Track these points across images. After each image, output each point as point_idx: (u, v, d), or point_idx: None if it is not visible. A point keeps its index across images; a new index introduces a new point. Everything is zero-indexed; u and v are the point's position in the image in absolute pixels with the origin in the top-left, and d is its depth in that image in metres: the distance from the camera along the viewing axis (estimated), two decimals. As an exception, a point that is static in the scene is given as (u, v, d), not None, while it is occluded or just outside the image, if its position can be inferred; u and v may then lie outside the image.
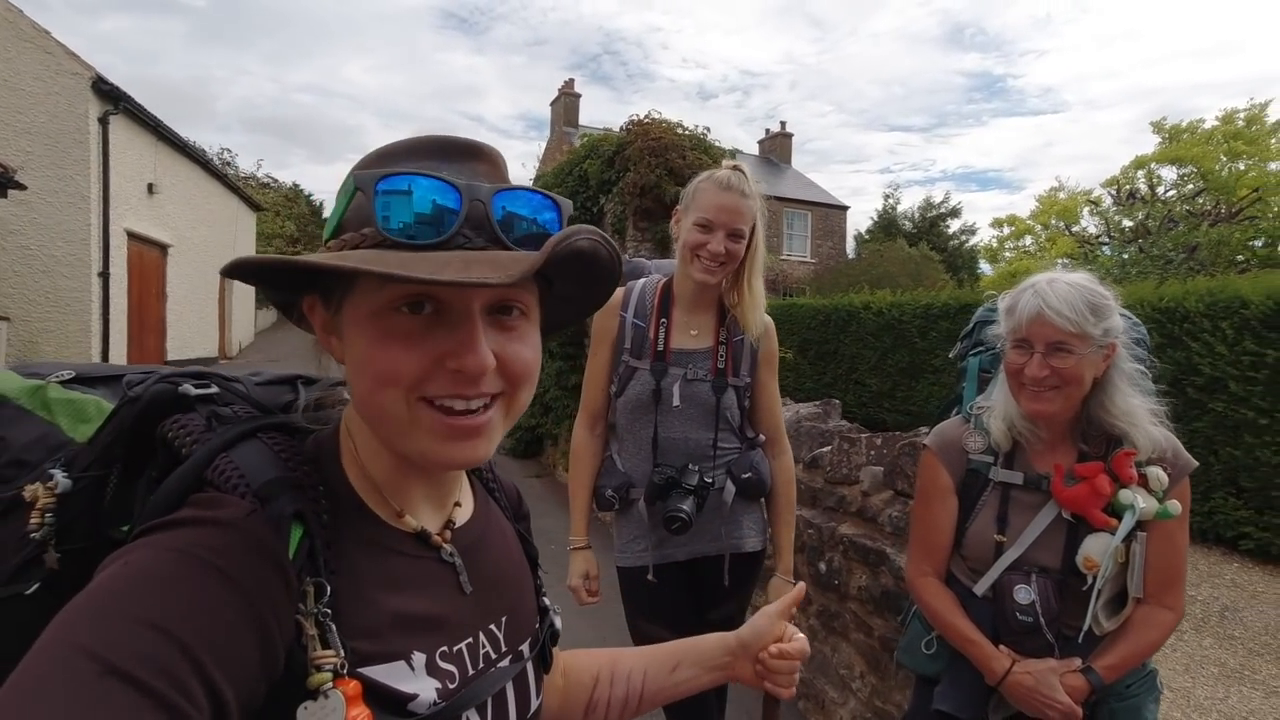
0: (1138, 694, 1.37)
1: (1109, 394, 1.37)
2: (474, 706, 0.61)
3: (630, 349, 1.78)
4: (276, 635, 0.48)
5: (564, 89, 24.84)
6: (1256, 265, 14.83)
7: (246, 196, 19.31)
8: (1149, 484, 1.34)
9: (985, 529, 1.44)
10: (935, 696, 1.46)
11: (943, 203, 30.35)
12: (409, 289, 0.52)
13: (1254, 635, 4.01)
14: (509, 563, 0.73)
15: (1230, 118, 17.97)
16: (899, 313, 9.16)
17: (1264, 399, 5.13)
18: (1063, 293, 1.32)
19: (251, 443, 0.56)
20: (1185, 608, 1.40)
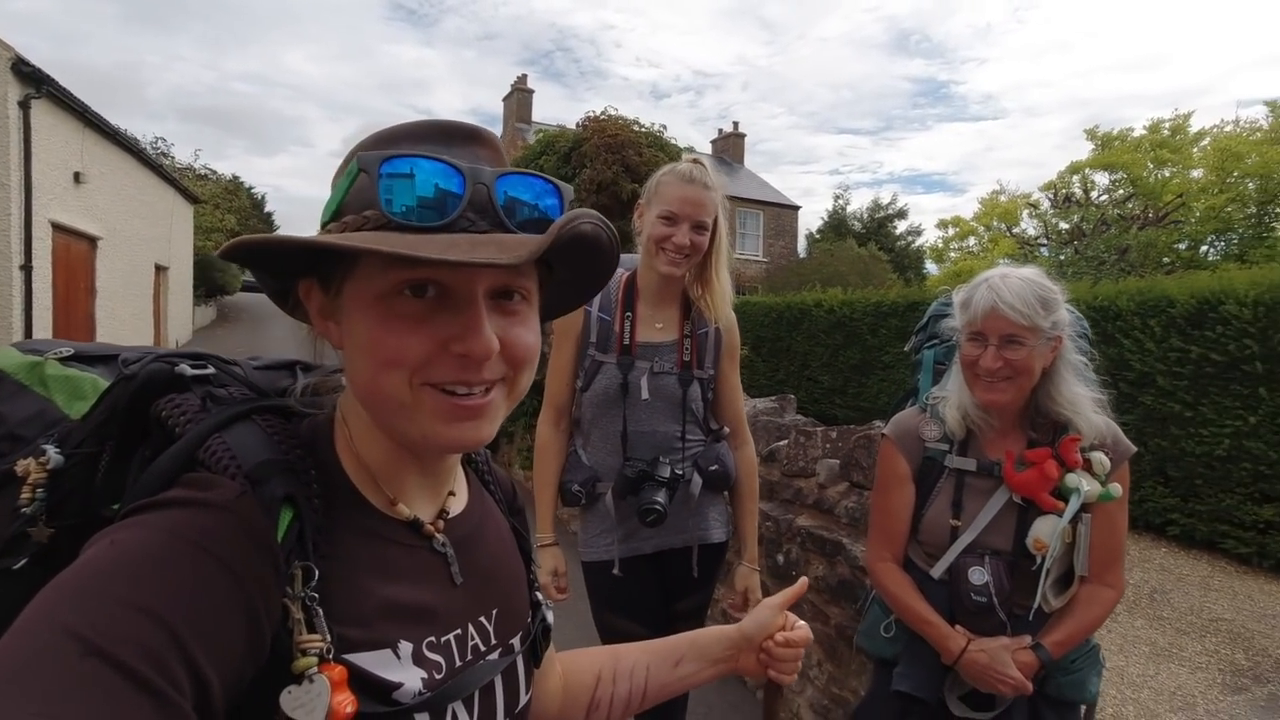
0: (1082, 668, 1.44)
1: (1055, 383, 1.43)
2: (460, 699, 0.60)
3: (596, 343, 1.78)
4: (264, 619, 0.48)
5: (517, 84, 24.59)
6: (1181, 267, 15.68)
7: (183, 188, 18.52)
8: (1093, 468, 1.40)
9: (941, 514, 1.49)
10: (894, 678, 1.50)
11: (890, 204, 31.09)
12: (413, 272, 0.52)
13: (1181, 615, 4.24)
14: (503, 555, 0.72)
15: (1156, 127, 18.92)
16: (850, 311, 9.37)
17: (1189, 393, 5.42)
18: (1015, 287, 1.38)
19: (246, 424, 0.55)
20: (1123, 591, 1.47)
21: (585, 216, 0.56)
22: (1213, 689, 3.41)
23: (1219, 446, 5.20)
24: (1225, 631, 4.03)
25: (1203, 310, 5.37)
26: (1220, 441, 5.20)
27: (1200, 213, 16.87)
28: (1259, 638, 3.96)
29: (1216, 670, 3.60)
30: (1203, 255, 17.10)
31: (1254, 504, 5.04)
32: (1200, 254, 17.14)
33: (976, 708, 1.44)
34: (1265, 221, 16.34)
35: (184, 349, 0.62)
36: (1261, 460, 4.99)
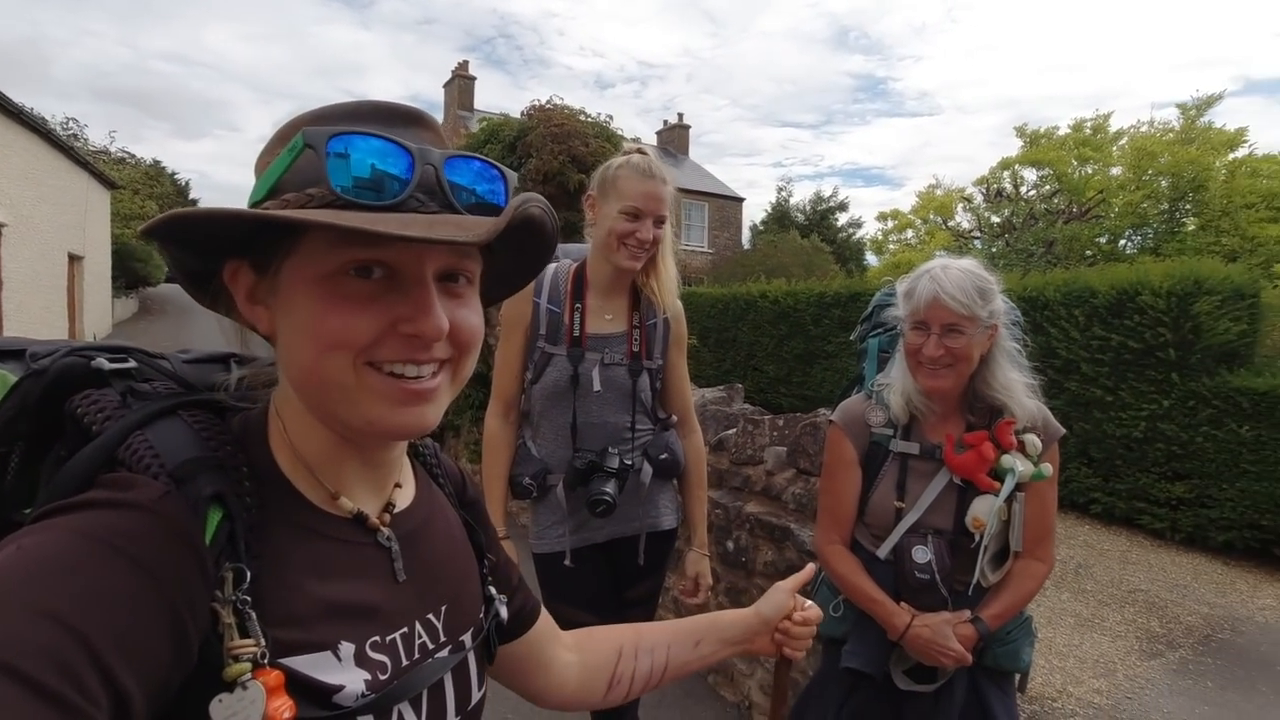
0: (1016, 639, 1.52)
1: (992, 370, 1.50)
2: (407, 700, 0.58)
3: (545, 335, 1.76)
4: (189, 625, 0.45)
5: (458, 71, 24.02)
6: (1102, 259, 16.54)
7: (98, 172, 17.49)
8: (1026, 449, 1.47)
9: (886, 497, 1.54)
10: (843, 655, 1.55)
11: (832, 197, 31.77)
12: (363, 251, 0.50)
13: (1102, 588, 4.50)
14: (452, 550, 0.70)
15: (1080, 126, 19.85)
16: (794, 301, 9.54)
17: (1109, 379, 5.73)
18: (955, 279, 1.43)
19: (171, 420, 0.52)
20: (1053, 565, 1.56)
21: (534, 200, 0.56)
22: (1131, 655, 3.63)
23: (1136, 429, 5.52)
24: (1142, 602, 4.30)
25: (1122, 300, 5.67)
26: (1137, 424, 5.52)
27: (1119, 208, 17.83)
28: (1172, 606, 4.24)
29: (1134, 638, 3.83)
30: (1122, 248, 18.08)
31: (1167, 482, 5.38)
32: (1119, 247, 18.11)
33: (920, 680, 1.50)
34: (1176, 217, 17.39)
35: (103, 342, 0.58)
36: (1174, 441, 5.33)
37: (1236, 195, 15.84)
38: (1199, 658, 3.63)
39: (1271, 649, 3.73)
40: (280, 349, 0.55)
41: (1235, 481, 4.99)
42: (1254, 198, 15.76)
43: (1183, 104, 18.75)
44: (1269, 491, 4.81)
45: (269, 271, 0.54)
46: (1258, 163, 16.72)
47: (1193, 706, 3.15)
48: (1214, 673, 3.47)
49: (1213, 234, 15.94)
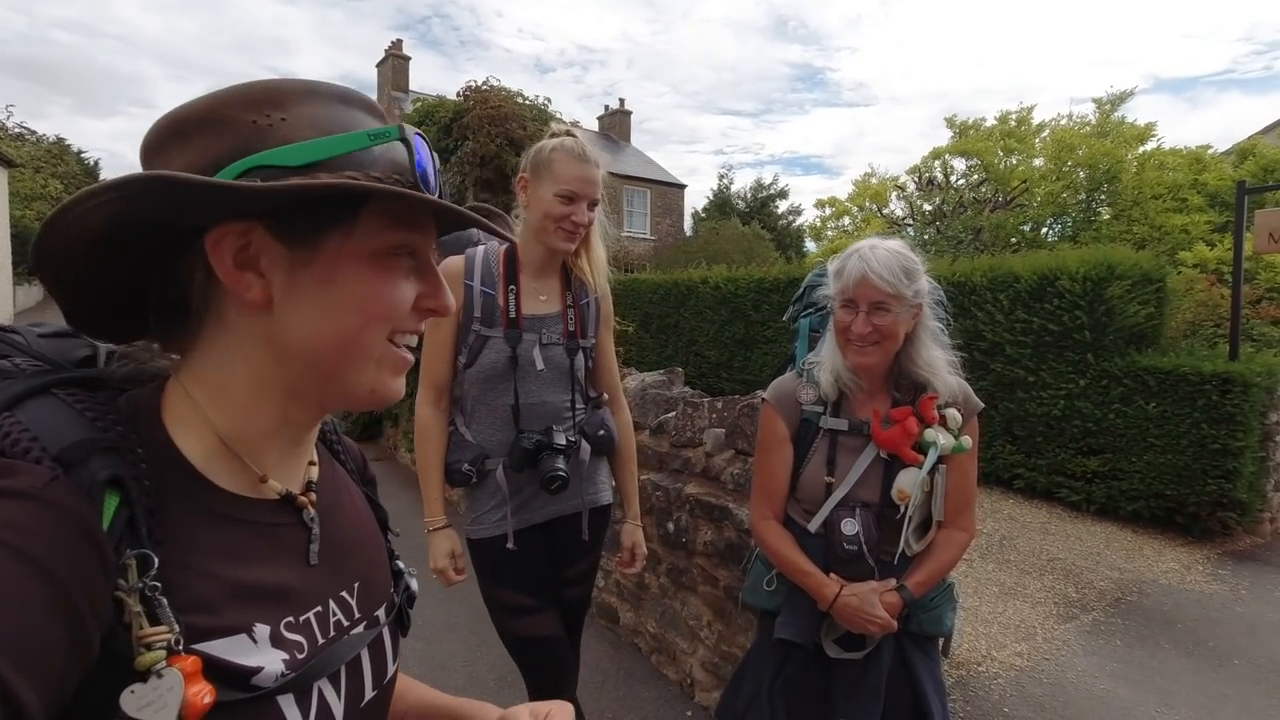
0: (939, 605, 1.59)
1: (916, 348, 1.55)
2: (326, 676, 0.57)
3: (480, 318, 1.74)
4: (89, 619, 0.43)
5: (391, 50, 23.24)
6: (1026, 246, 17.31)
7: (-3, 150, 16.23)
8: (947, 423, 1.54)
9: (817, 472, 1.57)
10: (776, 627, 1.59)
11: (772, 184, 32.27)
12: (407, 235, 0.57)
13: (1024, 558, 4.74)
14: (360, 527, 0.69)
15: (1005, 119, 20.65)
16: (734, 287, 9.65)
17: (1031, 360, 6.01)
18: (882, 258, 1.48)
19: (45, 400, 0.48)
20: (974, 538, 1.63)
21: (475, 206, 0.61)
22: (1049, 620, 3.84)
23: (1055, 407, 5.82)
24: (1060, 570, 4.55)
25: (1042, 285, 5.95)
26: (1056, 403, 5.81)
27: (1041, 197, 18.66)
28: (1086, 573, 4.50)
29: (1052, 604, 4.05)
30: (1044, 236, 18.95)
31: (1083, 457, 5.69)
32: (1042, 235, 18.98)
33: (849, 648, 1.56)
34: (1093, 206, 18.34)
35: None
36: (1089, 418, 5.64)
37: (1146, 186, 16.77)
38: (1109, 619, 3.87)
39: (1173, 608, 4.01)
40: (291, 318, 0.54)
41: (1143, 455, 5.32)
42: (1161, 189, 16.72)
43: (1098, 99, 19.77)
44: (1172, 464, 5.15)
45: (303, 243, 0.53)
46: (1165, 156, 17.76)
47: (1103, 664, 3.36)
48: (1122, 632, 3.71)
49: (1125, 223, 16.86)
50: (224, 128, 0.52)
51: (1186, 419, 5.11)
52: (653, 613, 3.14)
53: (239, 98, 0.53)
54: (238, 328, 0.54)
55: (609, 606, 3.45)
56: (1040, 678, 3.23)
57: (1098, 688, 3.14)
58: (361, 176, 0.52)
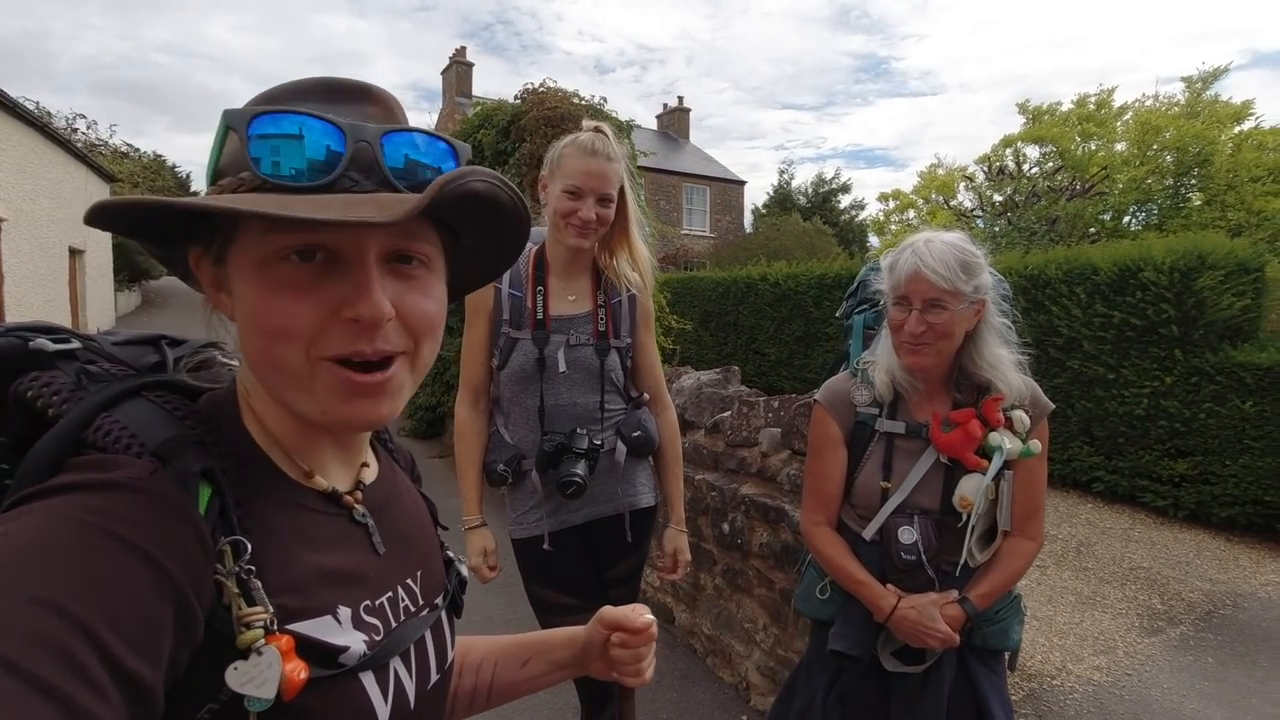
0: (1005, 617, 1.50)
1: (979, 346, 1.46)
2: (399, 654, 0.60)
3: (509, 320, 1.76)
4: (194, 601, 0.45)
5: (455, 57, 23.83)
6: (1105, 236, 16.37)
7: (97, 166, 17.47)
8: (1014, 426, 1.45)
9: (872, 477, 1.51)
10: (830, 638, 1.53)
11: (834, 179, 31.61)
12: (295, 236, 0.49)
13: (1103, 566, 4.49)
14: (419, 519, 0.73)
15: (1083, 102, 19.59)
16: (794, 284, 9.49)
17: (1111, 357, 5.69)
18: (938, 252, 1.39)
19: (137, 401, 0.52)
20: (1047, 545, 1.53)
21: (476, 174, 0.52)
22: (1131, 632, 3.62)
23: (1139, 406, 5.48)
24: (1143, 579, 4.28)
25: (1124, 277, 5.61)
26: (1140, 401, 5.48)
27: (1123, 184, 17.59)
28: (1173, 583, 4.22)
29: (1135, 615, 3.82)
30: (1126, 225, 17.87)
31: (1170, 459, 5.35)
32: (1124, 224, 17.91)
33: (908, 661, 1.49)
34: (1181, 193, 17.17)
35: (32, 322, 0.56)
36: (1176, 418, 5.29)
37: (1242, 169, 15.62)
38: (1200, 634, 3.62)
39: (1273, 624, 3.71)
40: (240, 334, 0.54)
41: (1238, 458, 4.96)
42: (1260, 171, 15.54)
43: (1188, 77, 18.49)
44: (1272, 467, 4.78)
45: (215, 258, 0.54)
46: (1264, 135, 16.47)
47: (1192, 682, 3.15)
48: (1214, 648, 3.46)
49: (1218, 209, 15.75)
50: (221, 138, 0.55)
51: (1288, 419, 4.73)
52: (708, 614, 3.12)
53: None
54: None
55: (664, 606, 3.44)
56: (1121, 694, 3.04)
57: (1186, 707, 2.94)
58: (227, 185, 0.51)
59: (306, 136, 0.50)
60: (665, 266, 18.69)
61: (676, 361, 6.43)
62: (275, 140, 0.49)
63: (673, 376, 3.76)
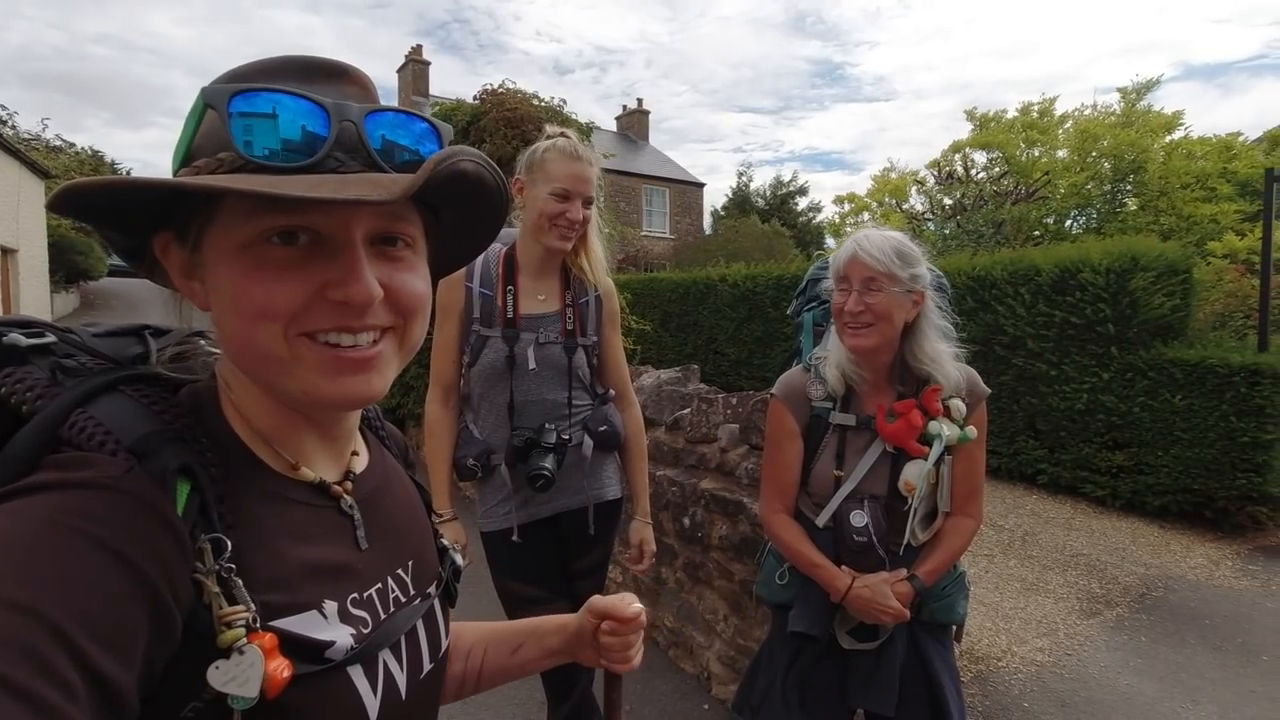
0: (951, 593, 1.60)
1: (918, 340, 1.56)
2: (388, 647, 0.60)
3: (480, 318, 1.80)
4: (170, 601, 0.45)
5: (412, 55, 23.51)
6: (1049, 239, 17.02)
7: (30, 161, 16.70)
8: (951, 414, 1.55)
9: (827, 466, 1.59)
10: (790, 620, 1.60)
11: (791, 181, 32.08)
12: (282, 217, 0.49)
13: (1047, 554, 4.69)
14: (411, 508, 0.72)
15: (1027, 110, 20.32)
16: (753, 285, 9.63)
17: (1054, 354, 5.94)
18: (875, 239, 1.52)
19: (113, 396, 0.50)
20: (995, 534, 1.63)
21: (465, 154, 0.53)
22: (1072, 615, 3.80)
23: (1079, 401, 5.74)
24: (1083, 565, 4.49)
25: (1064, 278, 5.86)
26: (1080, 396, 5.73)
27: (1064, 189, 18.30)
28: (1110, 568, 4.44)
29: (1075, 599, 4.01)
30: (1067, 228, 18.60)
31: (1108, 451, 5.61)
32: (1065, 228, 18.64)
33: (862, 639, 1.57)
34: (1118, 198, 17.97)
35: (6, 316, 0.55)
36: (1114, 412, 5.55)
37: (1173, 176, 16.41)
38: (1134, 615, 3.82)
39: (1200, 604, 3.94)
40: (216, 322, 0.53)
41: (1170, 449, 5.23)
42: (1189, 178, 16.36)
43: (1124, 88, 19.36)
44: (1200, 457, 5.06)
45: (190, 244, 0.52)
46: (1193, 144, 17.37)
47: (1127, 659, 3.32)
48: (1147, 628, 3.66)
49: (1151, 213, 16.51)
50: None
51: (1214, 412, 5.01)
52: (670, 607, 3.17)
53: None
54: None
55: (627, 602, 3.47)
56: (1062, 673, 3.20)
57: (1121, 683, 3.11)
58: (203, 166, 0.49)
59: (287, 116, 0.49)
60: (625, 268, 18.73)
61: (637, 361, 6.48)
62: (256, 119, 0.48)
63: (633, 375, 3.81)
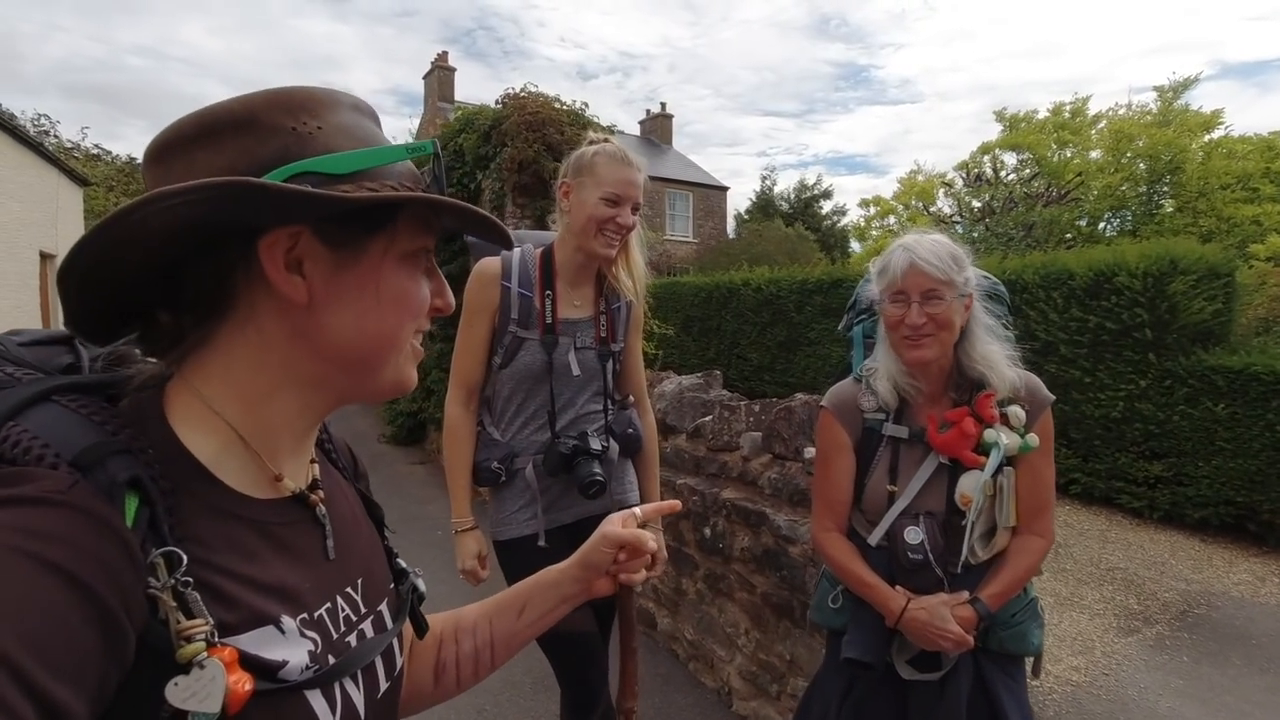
0: (1022, 620, 1.47)
1: (970, 342, 1.47)
2: (348, 675, 0.59)
3: (517, 319, 1.76)
4: (123, 619, 0.43)
5: (437, 62, 23.75)
6: (1081, 241, 16.63)
7: (69, 169, 17.13)
8: (1009, 421, 1.44)
9: (880, 482, 1.51)
10: (843, 646, 1.49)
11: (816, 185, 31.83)
12: (432, 240, 0.61)
13: (1081, 567, 4.54)
14: (357, 523, 0.70)
15: (1059, 110, 19.89)
16: (777, 289, 9.53)
17: (1087, 360, 5.77)
18: (929, 245, 1.43)
19: (47, 407, 0.48)
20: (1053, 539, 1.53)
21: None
22: (1109, 633, 3.66)
23: (1114, 409, 5.56)
24: (1120, 580, 4.34)
25: (1099, 282, 5.70)
26: (1115, 404, 5.56)
27: (1098, 191, 17.86)
28: (1149, 583, 4.28)
29: (1112, 615, 3.87)
30: (1101, 231, 18.16)
31: (1145, 461, 5.43)
32: (1099, 230, 18.18)
33: (924, 669, 1.46)
34: (1154, 199, 17.49)
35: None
36: (1151, 420, 5.37)
37: (1213, 176, 15.94)
38: (1175, 633, 3.67)
39: (1245, 622, 3.78)
40: (332, 317, 0.56)
41: (1211, 459, 5.04)
42: (1229, 179, 15.87)
43: (1160, 87, 18.84)
44: (1243, 468, 4.87)
45: (348, 246, 0.55)
46: (1233, 144, 16.85)
47: (1167, 680, 3.18)
48: (1189, 647, 3.51)
49: (1190, 215, 16.05)
50: (263, 132, 0.52)
51: (1259, 421, 4.82)
52: (690, 618, 3.11)
53: (273, 103, 0.53)
54: (265, 325, 0.55)
55: (646, 611, 3.42)
56: (1099, 694, 3.07)
57: (1161, 706, 2.98)
58: (398, 186, 0.56)
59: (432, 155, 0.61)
60: (648, 272, 18.67)
61: (659, 366, 6.43)
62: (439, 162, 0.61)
63: (654, 381, 3.76)
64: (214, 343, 0.55)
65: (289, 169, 0.52)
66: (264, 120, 0.52)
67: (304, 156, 0.52)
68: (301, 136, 0.53)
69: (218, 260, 0.53)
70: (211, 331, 0.55)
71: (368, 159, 0.55)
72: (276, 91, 0.54)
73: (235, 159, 0.51)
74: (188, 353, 0.56)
